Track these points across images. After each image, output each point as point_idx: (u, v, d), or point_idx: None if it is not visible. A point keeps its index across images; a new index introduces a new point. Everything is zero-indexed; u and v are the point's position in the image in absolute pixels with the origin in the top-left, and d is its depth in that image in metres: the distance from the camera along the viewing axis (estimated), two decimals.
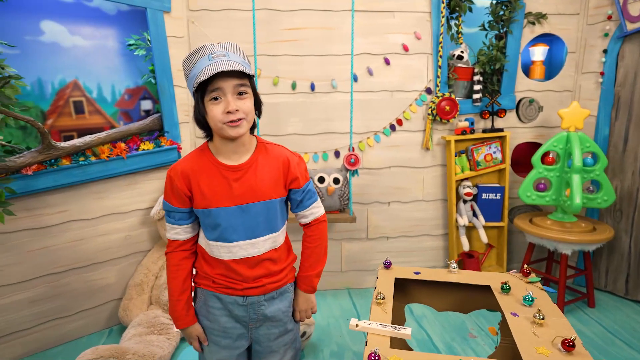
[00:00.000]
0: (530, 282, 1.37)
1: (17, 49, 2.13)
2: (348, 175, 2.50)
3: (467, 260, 2.76)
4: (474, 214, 2.77)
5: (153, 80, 2.49)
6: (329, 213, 2.51)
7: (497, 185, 2.78)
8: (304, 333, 2.10)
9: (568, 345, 0.99)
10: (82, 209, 2.25)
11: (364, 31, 2.60)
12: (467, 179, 2.77)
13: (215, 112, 1.05)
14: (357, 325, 1.13)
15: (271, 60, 2.58)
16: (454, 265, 1.45)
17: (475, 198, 2.78)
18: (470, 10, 2.66)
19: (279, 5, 2.56)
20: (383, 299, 1.24)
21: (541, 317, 1.12)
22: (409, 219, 2.86)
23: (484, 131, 2.75)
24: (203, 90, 1.06)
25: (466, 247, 2.73)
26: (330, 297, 2.76)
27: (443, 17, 2.59)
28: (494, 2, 2.66)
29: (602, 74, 2.68)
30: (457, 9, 2.64)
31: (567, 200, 2.45)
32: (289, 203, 1.26)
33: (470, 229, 2.83)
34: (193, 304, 1.24)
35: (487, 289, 1.37)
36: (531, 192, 2.58)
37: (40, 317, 2.19)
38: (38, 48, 2.20)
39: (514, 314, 1.17)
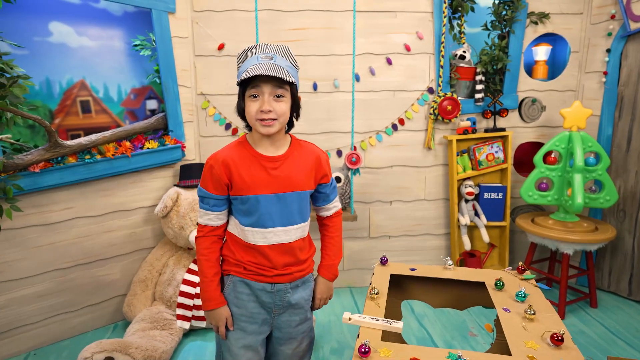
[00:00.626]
0: (525, 279, 1.38)
1: (26, 50, 2.18)
2: (349, 174, 2.52)
3: (469, 259, 2.76)
4: (476, 214, 2.77)
5: (158, 80, 2.53)
6: None
7: (499, 184, 2.78)
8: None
9: (557, 340, 1.00)
10: (87, 206, 2.29)
11: (366, 31, 2.62)
12: (468, 178, 2.77)
13: (251, 108, 1.14)
14: (349, 319, 1.15)
15: None
16: (450, 262, 1.47)
17: (477, 197, 2.78)
18: (473, 10, 2.67)
19: (282, 6, 2.59)
20: (377, 294, 1.26)
21: (532, 312, 1.14)
22: (410, 218, 2.87)
23: (486, 131, 2.75)
24: (245, 86, 1.15)
25: (468, 246, 2.74)
26: (333, 295, 2.78)
27: (445, 17, 2.61)
28: (497, 1, 2.67)
29: (605, 73, 2.67)
30: (459, 8, 2.65)
31: (569, 199, 2.45)
32: (314, 198, 1.35)
33: (472, 229, 2.83)
34: (226, 290, 1.29)
35: (482, 285, 1.38)
36: (533, 191, 2.58)
37: (48, 311, 2.24)
38: (46, 48, 2.25)
39: (506, 310, 1.18)
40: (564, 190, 2.53)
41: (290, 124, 1.25)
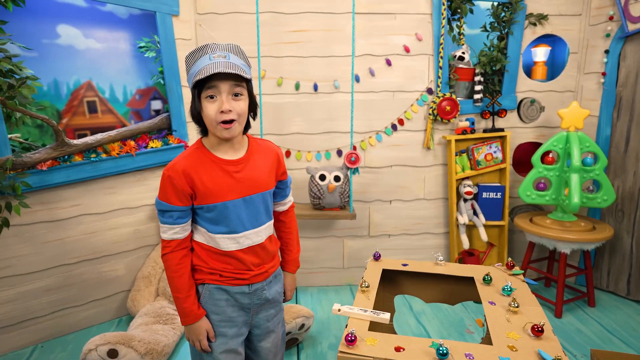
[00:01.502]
0: (513, 275, 1.42)
1: (35, 52, 2.25)
2: (349, 173, 2.56)
3: (468, 258, 2.79)
4: (475, 213, 2.80)
5: (162, 81, 2.60)
6: (329, 210, 2.58)
7: (498, 184, 2.81)
8: (303, 325, 2.17)
9: (537, 331, 1.04)
10: (93, 203, 2.36)
11: (366, 33, 2.67)
12: (467, 178, 2.80)
13: (210, 110, 1.10)
14: (339, 310, 1.20)
15: (275, 61, 2.66)
16: (440, 257, 1.51)
17: (476, 197, 2.81)
18: (471, 11, 2.70)
19: (283, 8, 2.64)
20: (367, 287, 1.30)
21: (516, 305, 1.17)
22: (410, 217, 2.91)
23: (485, 131, 2.78)
24: (200, 87, 1.10)
25: (466, 245, 2.77)
26: (332, 293, 2.83)
27: (444, 18, 2.64)
28: (495, 3, 2.70)
29: (603, 74, 2.69)
30: (458, 10, 2.68)
31: (566, 199, 2.47)
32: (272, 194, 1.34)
33: (471, 228, 2.86)
34: (202, 299, 1.24)
35: (472, 281, 1.42)
36: (531, 191, 2.60)
37: (55, 305, 2.31)
38: (54, 51, 2.32)
39: (492, 303, 1.22)
40: (562, 190, 2.55)
41: (247, 125, 1.20)
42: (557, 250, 2.50)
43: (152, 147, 2.47)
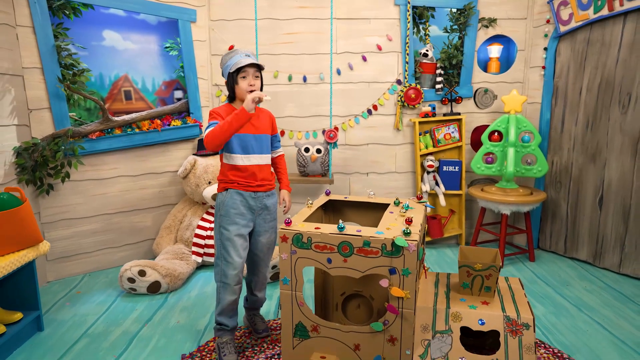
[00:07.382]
0: (419, 203, 2.00)
1: (86, 51, 2.96)
2: (328, 147, 3.18)
3: (431, 221, 3.35)
4: (437, 183, 3.36)
5: (182, 74, 3.27)
6: (312, 176, 3.20)
7: (456, 159, 3.36)
8: (275, 266, 2.76)
9: (408, 221, 1.62)
10: (128, 167, 3.05)
11: (345, 34, 3.28)
12: (430, 154, 3.37)
13: (243, 84, 1.89)
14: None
15: (272, 58, 3.31)
16: (372, 193, 2.10)
17: (439, 170, 3.37)
18: (433, 16, 3.29)
19: (279, 15, 3.29)
20: (311, 204, 1.91)
21: (404, 211, 1.76)
22: (384, 187, 3.49)
23: (445, 115, 3.34)
24: (238, 71, 1.88)
25: (427, 210, 3.33)
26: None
27: (409, 22, 3.23)
28: (454, 9, 3.27)
29: (543, 68, 3.22)
30: (422, 15, 3.27)
31: (505, 169, 3.01)
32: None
33: (434, 196, 3.42)
34: (225, 199, 1.92)
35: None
36: (481, 164, 3.15)
37: (99, 245, 3.00)
38: (100, 50, 3.03)
39: (391, 212, 1.81)
40: (504, 163, 3.09)
41: None
42: (500, 212, 3.04)
43: (173, 125, 3.15)
